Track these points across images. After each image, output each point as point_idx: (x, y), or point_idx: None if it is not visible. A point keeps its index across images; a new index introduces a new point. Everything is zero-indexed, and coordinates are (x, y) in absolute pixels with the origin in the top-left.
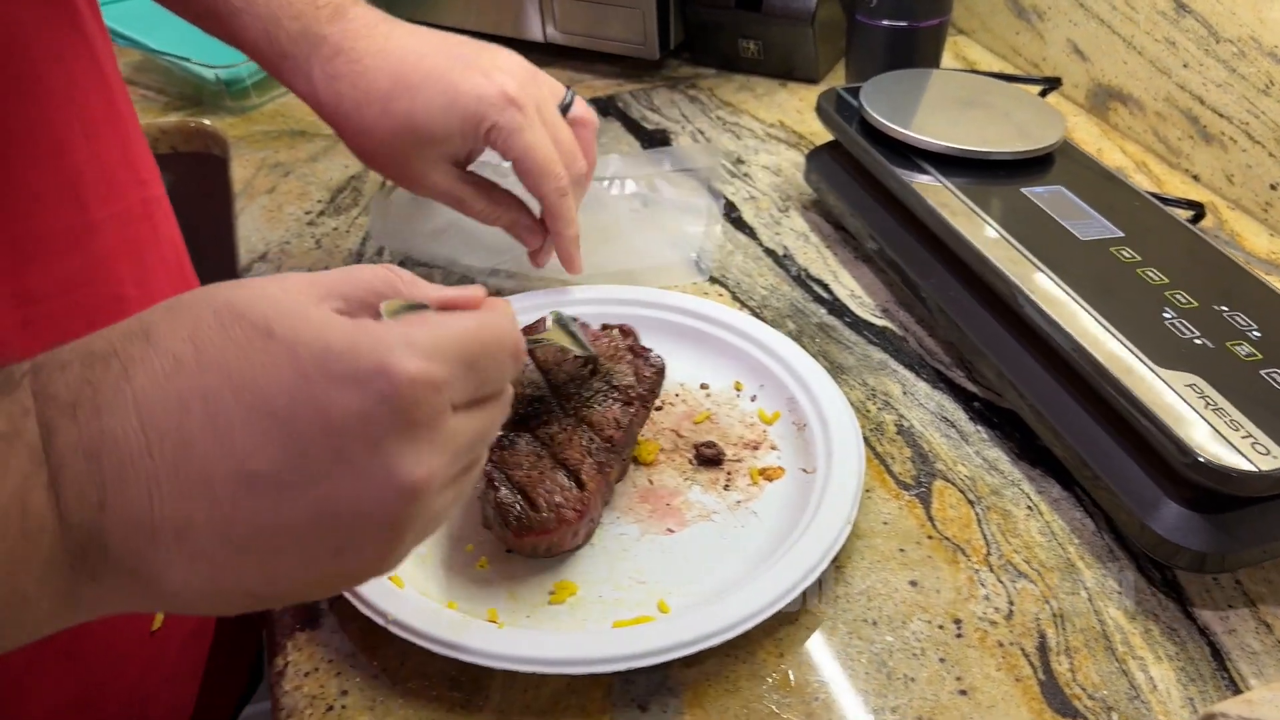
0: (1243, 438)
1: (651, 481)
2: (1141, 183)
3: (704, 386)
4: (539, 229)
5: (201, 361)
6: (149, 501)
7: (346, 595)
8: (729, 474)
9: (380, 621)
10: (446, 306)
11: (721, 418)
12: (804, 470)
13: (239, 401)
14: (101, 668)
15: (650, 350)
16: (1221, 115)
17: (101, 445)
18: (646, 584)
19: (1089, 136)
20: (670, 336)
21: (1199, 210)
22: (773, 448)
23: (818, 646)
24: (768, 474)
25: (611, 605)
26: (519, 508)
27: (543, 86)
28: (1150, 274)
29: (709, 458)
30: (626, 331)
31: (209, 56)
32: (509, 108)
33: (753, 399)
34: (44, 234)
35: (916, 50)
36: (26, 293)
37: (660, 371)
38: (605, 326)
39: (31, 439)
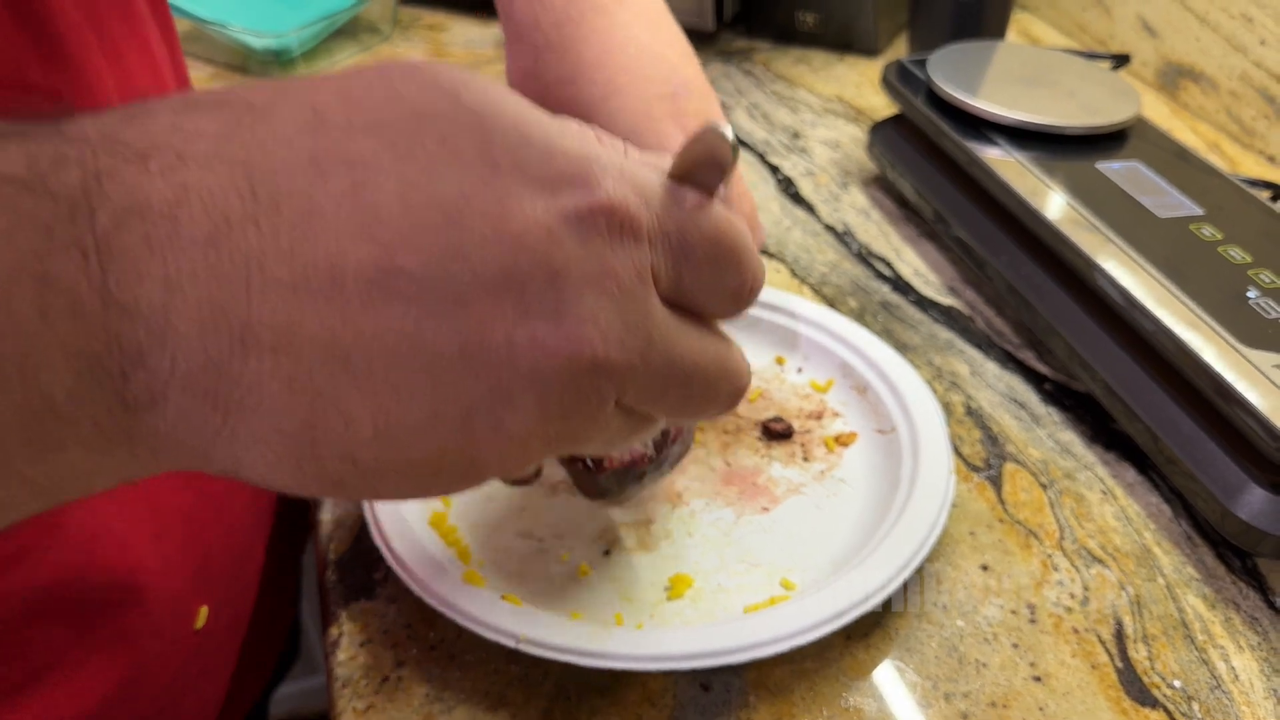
0: None
1: (729, 464)
2: (1216, 164)
3: None
4: None
5: (352, 120)
6: (245, 287)
7: (469, 622)
8: (803, 446)
9: (510, 644)
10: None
11: (774, 393)
12: (879, 431)
13: (399, 175)
14: (145, 661)
15: None
16: None
17: (184, 201)
18: (761, 566)
19: (1158, 115)
20: None
21: (1277, 190)
22: (836, 414)
23: (884, 629)
24: (841, 440)
25: (734, 592)
26: None
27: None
28: (1233, 253)
29: (778, 432)
30: None
31: (257, 25)
32: None
33: (799, 371)
34: None
35: (982, 23)
36: None
37: None
38: None
39: (63, 189)
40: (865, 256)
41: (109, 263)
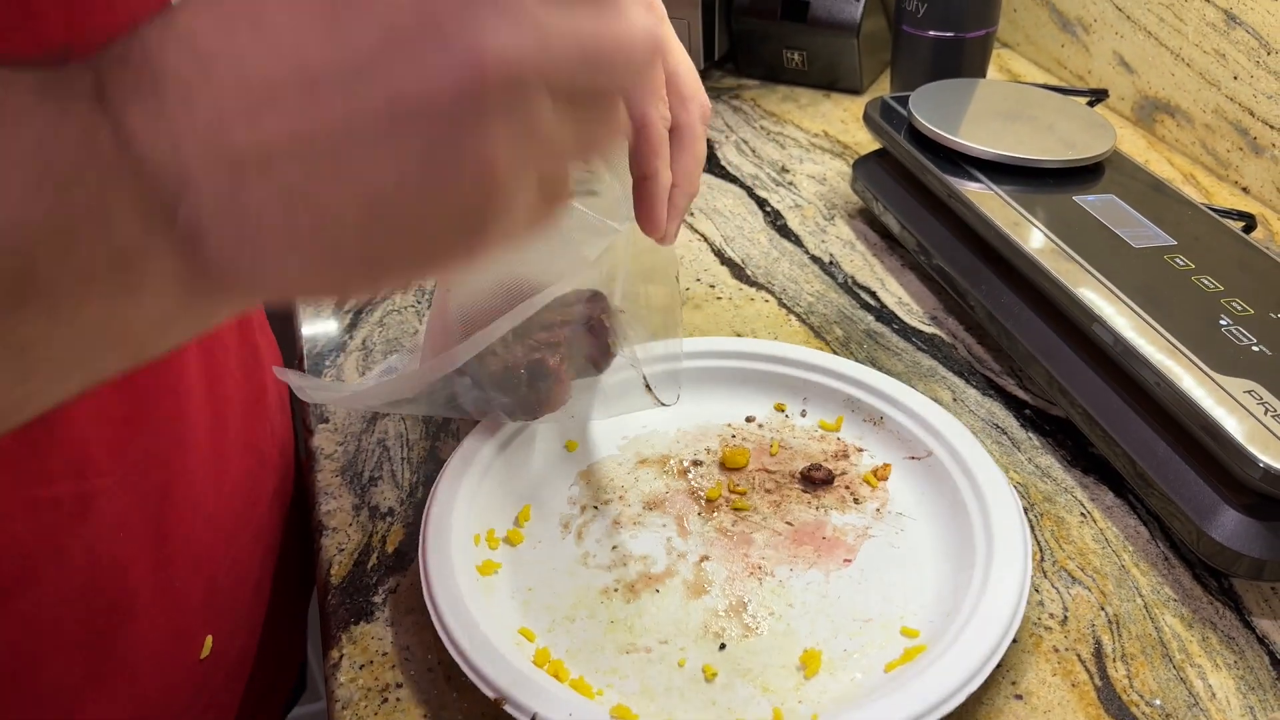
0: None
1: (791, 524)
2: (1189, 195)
3: (750, 419)
4: None
5: None
6: (219, 125)
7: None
8: (848, 488)
9: None
10: None
11: (791, 441)
12: (913, 458)
13: (280, 6)
14: (152, 695)
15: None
16: (1272, 127)
17: (160, 81)
18: (873, 620)
19: (1135, 149)
20: (691, 383)
21: (1250, 221)
22: (859, 449)
23: None
24: (879, 474)
25: (861, 653)
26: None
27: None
28: (1205, 281)
29: (820, 479)
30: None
31: None
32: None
33: (803, 414)
34: None
35: (962, 61)
36: None
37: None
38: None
39: (84, 88)
40: (851, 287)
41: (128, 132)
